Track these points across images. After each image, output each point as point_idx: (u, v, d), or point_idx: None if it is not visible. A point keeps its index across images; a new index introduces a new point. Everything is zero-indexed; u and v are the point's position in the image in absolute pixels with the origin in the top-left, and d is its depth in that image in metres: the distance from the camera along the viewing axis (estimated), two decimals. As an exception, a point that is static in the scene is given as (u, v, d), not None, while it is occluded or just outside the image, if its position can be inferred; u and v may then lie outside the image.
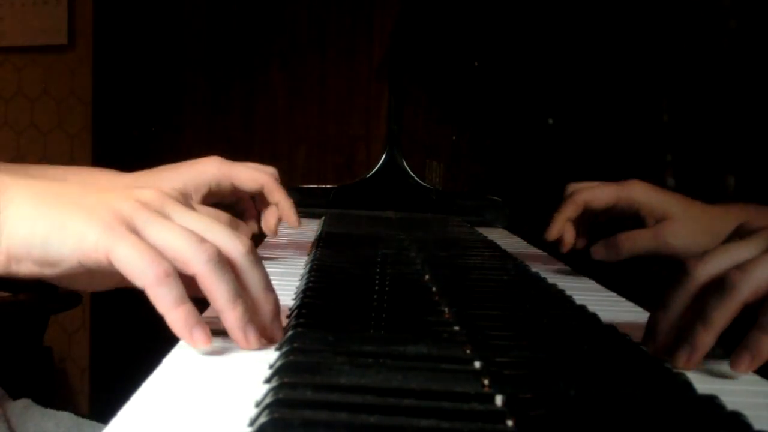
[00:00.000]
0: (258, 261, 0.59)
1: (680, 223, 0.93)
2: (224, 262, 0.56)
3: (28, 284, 1.98)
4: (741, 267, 0.58)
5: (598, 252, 0.96)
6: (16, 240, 0.56)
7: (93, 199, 0.57)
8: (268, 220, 0.98)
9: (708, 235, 0.89)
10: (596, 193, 0.97)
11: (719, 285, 0.57)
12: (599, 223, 1.00)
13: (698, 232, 0.92)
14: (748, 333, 0.57)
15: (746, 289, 0.56)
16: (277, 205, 0.98)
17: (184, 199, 0.61)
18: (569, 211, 0.97)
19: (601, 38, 1.66)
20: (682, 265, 0.61)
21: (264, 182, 0.96)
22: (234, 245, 0.58)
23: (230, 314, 0.56)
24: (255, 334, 0.57)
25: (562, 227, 0.98)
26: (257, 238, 1.02)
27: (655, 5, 1.55)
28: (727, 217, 0.93)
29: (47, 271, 0.57)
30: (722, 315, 0.57)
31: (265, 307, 0.58)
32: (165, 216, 0.57)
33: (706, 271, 0.59)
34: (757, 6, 1.41)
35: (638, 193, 0.95)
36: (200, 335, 0.54)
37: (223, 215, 0.61)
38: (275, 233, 1.00)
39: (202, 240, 0.56)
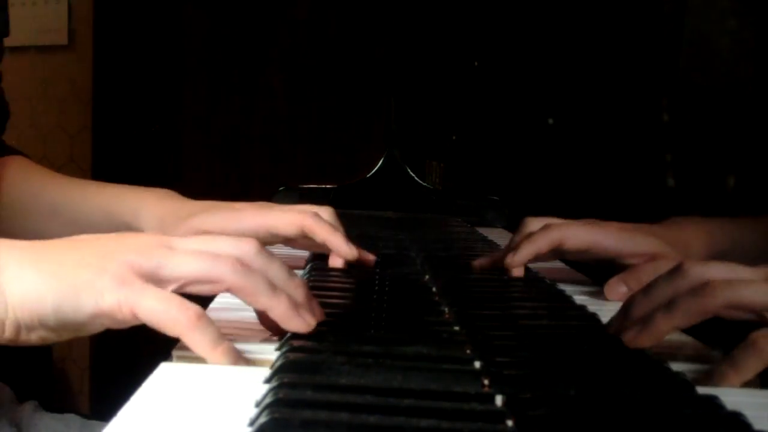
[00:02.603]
0: (271, 254, 0.59)
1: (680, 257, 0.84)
2: (246, 266, 0.56)
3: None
4: (729, 281, 0.57)
5: (615, 290, 0.83)
6: (25, 310, 0.53)
7: (95, 254, 0.55)
8: (335, 263, 0.89)
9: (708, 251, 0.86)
10: (572, 232, 0.87)
11: (700, 287, 0.57)
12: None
13: (701, 255, 0.87)
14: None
15: (720, 301, 0.56)
16: (325, 243, 0.88)
17: None
18: (542, 244, 0.86)
19: (600, 38, 1.66)
20: (680, 263, 0.60)
21: (302, 224, 0.87)
22: (242, 249, 0.58)
23: (278, 307, 0.56)
24: (308, 313, 0.57)
25: (529, 260, 0.87)
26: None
27: (654, 5, 1.55)
28: (724, 230, 0.91)
29: (64, 336, 0.55)
30: (687, 313, 0.56)
31: (296, 293, 0.58)
32: (171, 248, 0.56)
33: (701, 274, 0.58)
34: (758, 6, 1.41)
35: (617, 241, 0.86)
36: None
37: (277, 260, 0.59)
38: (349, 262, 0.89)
39: (216, 255, 0.56)
